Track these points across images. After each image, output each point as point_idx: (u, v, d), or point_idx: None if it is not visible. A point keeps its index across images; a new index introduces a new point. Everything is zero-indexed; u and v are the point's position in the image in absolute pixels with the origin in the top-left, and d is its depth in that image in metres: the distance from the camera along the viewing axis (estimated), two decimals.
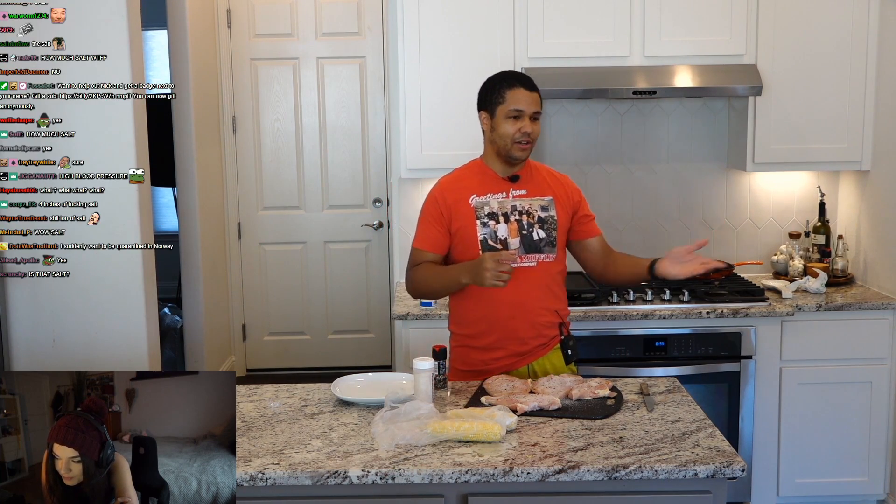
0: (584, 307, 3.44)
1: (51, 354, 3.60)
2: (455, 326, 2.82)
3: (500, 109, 2.64)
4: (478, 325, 2.73)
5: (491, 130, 2.68)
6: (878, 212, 3.75)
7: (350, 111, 5.43)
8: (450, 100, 3.64)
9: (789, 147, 3.72)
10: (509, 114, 2.63)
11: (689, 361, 3.45)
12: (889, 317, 3.55)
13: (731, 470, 2.06)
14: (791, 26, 3.64)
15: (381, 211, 5.49)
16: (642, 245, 4.03)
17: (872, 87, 3.70)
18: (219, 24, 5.30)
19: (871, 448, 3.59)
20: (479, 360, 2.74)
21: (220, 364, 5.31)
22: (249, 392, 2.60)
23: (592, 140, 4.00)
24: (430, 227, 2.73)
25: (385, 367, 5.32)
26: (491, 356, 2.73)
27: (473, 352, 2.76)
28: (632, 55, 3.62)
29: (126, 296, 3.62)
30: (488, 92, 2.69)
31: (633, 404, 2.46)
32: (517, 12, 3.60)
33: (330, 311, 5.58)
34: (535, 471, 2.04)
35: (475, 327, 2.74)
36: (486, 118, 2.69)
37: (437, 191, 2.76)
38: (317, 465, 2.06)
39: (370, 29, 5.35)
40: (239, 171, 5.44)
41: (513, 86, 2.65)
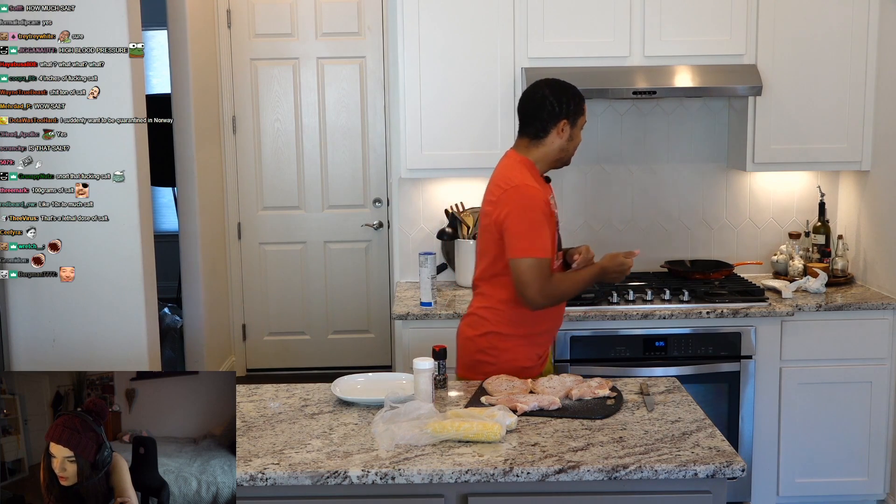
0: (584, 307, 3.44)
1: (51, 354, 3.60)
2: (518, 328, 2.78)
3: (580, 121, 2.78)
4: (545, 322, 2.82)
5: (568, 139, 2.77)
6: (878, 212, 3.75)
7: (350, 111, 5.43)
8: (450, 100, 3.65)
9: (789, 147, 3.72)
10: (582, 125, 2.80)
11: (689, 361, 3.45)
12: (889, 317, 3.55)
13: (731, 470, 2.06)
14: (791, 26, 3.64)
15: (381, 211, 5.50)
16: (643, 245, 4.03)
17: (872, 87, 3.70)
18: (219, 24, 5.30)
19: (871, 448, 3.59)
20: (537, 356, 2.84)
21: (220, 364, 5.31)
22: (249, 392, 2.60)
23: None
24: (545, 232, 2.68)
25: (385, 367, 5.32)
26: (546, 350, 2.89)
27: (538, 348, 2.82)
28: (632, 55, 3.62)
29: (126, 296, 3.62)
30: (573, 103, 2.76)
31: (633, 404, 2.47)
32: (517, 12, 3.60)
33: (330, 311, 5.58)
34: (535, 471, 2.04)
35: (544, 325, 2.82)
36: (566, 126, 2.75)
37: (538, 194, 2.70)
38: (317, 465, 2.06)
39: (370, 29, 5.35)
40: (239, 171, 5.45)
41: (584, 100, 2.81)
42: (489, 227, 2.74)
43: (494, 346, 2.78)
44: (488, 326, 2.79)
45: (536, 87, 2.79)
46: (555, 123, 2.73)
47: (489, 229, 2.75)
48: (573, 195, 4.02)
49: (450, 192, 3.96)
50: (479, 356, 2.80)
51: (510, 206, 2.66)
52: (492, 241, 2.74)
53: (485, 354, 2.79)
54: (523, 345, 2.79)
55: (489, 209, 2.74)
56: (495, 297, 2.78)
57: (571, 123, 2.75)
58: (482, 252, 2.82)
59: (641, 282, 3.76)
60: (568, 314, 3.40)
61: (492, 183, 2.79)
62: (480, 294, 2.85)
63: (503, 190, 2.70)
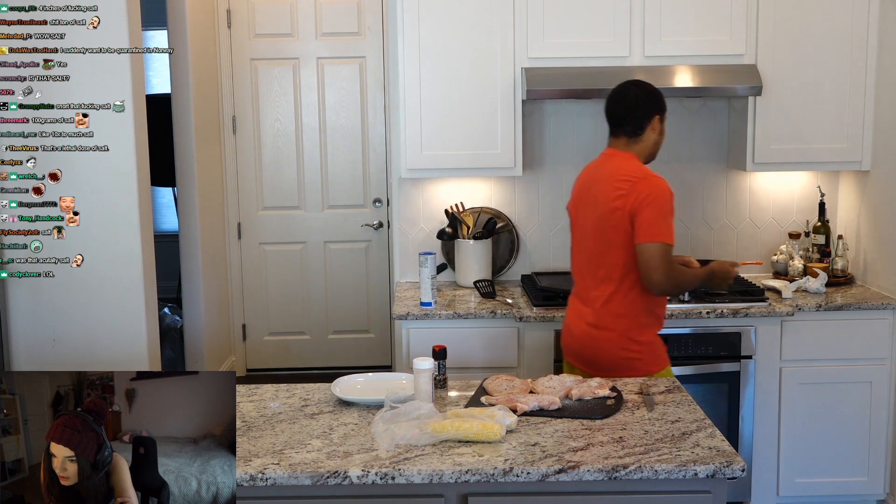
0: None
1: (51, 354, 3.60)
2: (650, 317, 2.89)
3: (665, 116, 2.93)
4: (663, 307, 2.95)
5: (659, 133, 2.92)
6: (878, 212, 3.75)
7: (350, 111, 5.43)
8: (450, 100, 3.65)
9: (789, 147, 3.72)
10: (665, 119, 2.94)
11: (689, 361, 3.45)
12: (889, 317, 3.55)
13: (731, 470, 2.06)
14: (791, 26, 3.64)
15: (381, 211, 5.49)
16: None
17: (872, 87, 3.70)
18: (219, 24, 5.30)
19: (871, 448, 3.59)
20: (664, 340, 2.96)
21: (220, 364, 5.31)
22: (249, 392, 2.60)
23: (592, 140, 3.99)
24: (673, 220, 2.82)
25: (385, 367, 5.32)
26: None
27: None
28: (632, 55, 3.62)
29: (126, 296, 3.62)
30: (660, 99, 2.92)
31: (633, 404, 2.47)
32: (517, 12, 3.60)
33: (330, 311, 5.58)
34: (535, 471, 2.04)
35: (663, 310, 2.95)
36: (658, 122, 2.91)
37: (667, 185, 2.82)
38: (317, 465, 2.06)
39: (370, 29, 5.35)
40: (239, 171, 5.45)
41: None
42: (621, 221, 2.79)
43: (638, 340, 2.85)
44: (631, 322, 2.85)
45: (625, 88, 2.93)
46: (649, 120, 2.89)
47: (621, 223, 2.79)
48: None
49: (450, 192, 3.96)
50: (626, 353, 2.84)
51: (643, 194, 2.76)
52: (625, 235, 2.79)
53: (628, 352, 2.84)
54: (657, 332, 2.91)
55: (620, 203, 2.79)
56: (632, 293, 2.83)
57: (661, 118, 2.91)
58: (608, 249, 2.84)
59: None
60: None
61: (611, 180, 2.84)
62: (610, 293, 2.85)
63: (632, 182, 2.79)
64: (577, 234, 3.00)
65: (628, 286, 2.82)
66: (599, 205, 2.85)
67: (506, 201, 4.01)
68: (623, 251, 2.80)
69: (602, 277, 2.86)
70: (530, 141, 3.94)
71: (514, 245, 4.01)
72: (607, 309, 2.85)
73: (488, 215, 3.95)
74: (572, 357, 3.00)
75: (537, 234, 4.04)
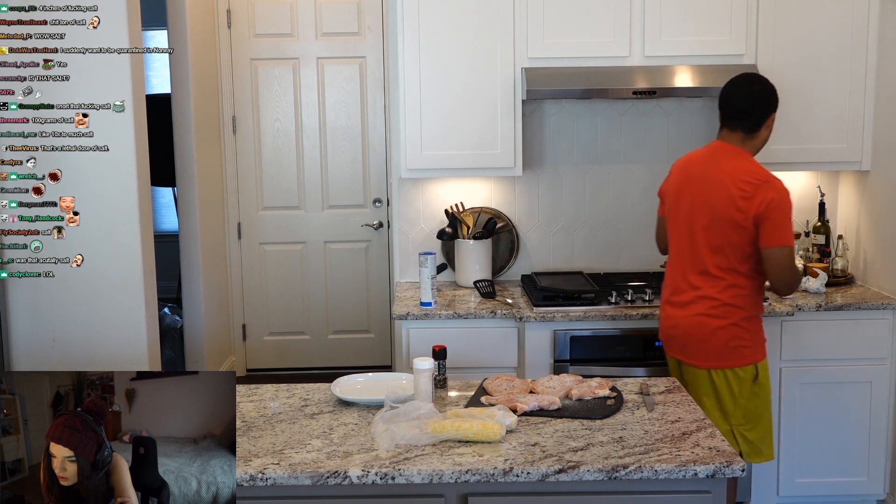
0: (584, 307, 3.44)
1: (51, 354, 3.60)
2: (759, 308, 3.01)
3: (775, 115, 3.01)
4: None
5: (769, 131, 2.99)
6: (878, 212, 3.75)
7: (350, 111, 5.43)
8: (450, 100, 3.64)
9: (789, 147, 3.72)
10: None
11: None
12: (889, 317, 3.54)
13: (731, 470, 2.06)
14: (791, 26, 3.64)
15: (381, 211, 5.49)
16: (642, 245, 4.03)
17: (872, 87, 3.70)
18: (219, 24, 5.30)
19: (871, 448, 3.59)
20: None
21: (220, 364, 5.31)
22: (249, 392, 2.60)
23: (592, 140, 4.00)
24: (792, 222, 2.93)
25: (385, 367, 5.32)
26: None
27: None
28: (632, 55, 3.62)
29: (126, 296, 3.62)
30: (777, 97, 2.98)
31: (633, 404, 2.47)
32: (517, 12, 3.60)
33: (330, 311, 5.58)
34: (535, 471, 2.04)
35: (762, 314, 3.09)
36: (773, 120, 2.99)
37: (786, 188, 2.90)
38: (317, 465, 2.06)
39: (370, 29, 5.35)
40: (239, 171, 5.44)
41: None
42: (744, 223, 2.86)
43: (748, 328, 2.94)
44: (743, 313, 2.93)
45: (748, 82, 2.98)
46: (766, 117, 2.95)
47: (744, 225, 2.86)
48: (573, 195, 4.02)
49: (450, 192, 3.96)
50: (736, 342, 2.93)
51: (768, 198, 2.83)
52: (746, 235, 2.87)
53: (739, 340, 2.93)
54: (761, 323, 3.01)
55: (744, 205, 2.85)
56: (747, 286, 2.93)
57: (774, 116, 2.98)
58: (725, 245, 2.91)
59: (641, 282, 3.76)
60: (568, 314, 3.40)
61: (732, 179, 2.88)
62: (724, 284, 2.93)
63: (755, 185, 2.85)
64: (679, 222, 3.04)
65: (744, 279, 2.92)
66: (718, 203, 2.91)
67: (506, 201, 4.01)
68: (741, 249, 2.90)
69: (715, 269, 2.94)
70: (530, 141, 3.94)
71: (514, 245, 4.01)
72: (723, 300, 2.93)
73: (488, 215, 3.95)
74: (676, 350, 3.06)
75: (537, 234, 4.04)
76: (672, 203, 3.08)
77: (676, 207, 3.05)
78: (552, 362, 3.42)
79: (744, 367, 2.92)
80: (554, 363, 3.42)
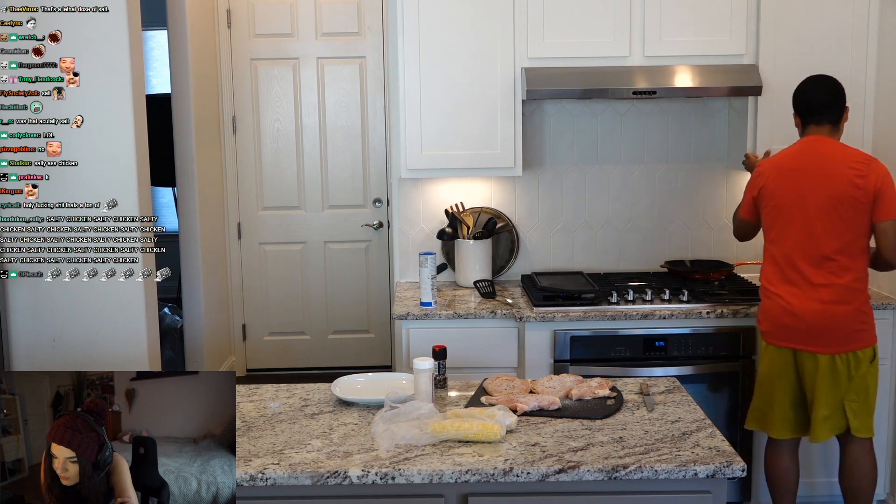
0: (584, 307, 3.44)
1: (51, 354, 3.60)
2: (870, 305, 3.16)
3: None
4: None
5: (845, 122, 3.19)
6: None
7: (350, 111, 5.43)
8: (450, 100, 3.64)
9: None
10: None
11: (689, 361, 3.45)
12: (889, 317, 3.54)
13: (731, 470, 2.06)
14: (791, 26, 3.64)
15: (381, 211, 5.50)
16: (642, 245, 4.03)
17: (872, 87, 3.70)
18: (219, 24, 5.30)
19: None
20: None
21: (220, 364, 5.31)
22: (249, 392, 2.60)
23: (592, 140, 4.00)
24: None
25: (385, 367, 5.32)
26: None
27: None
28: (632, 55, 3.62)
29: (126, 296, 3.62)
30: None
31: (633, 404, 2.47)
32: (517, 12, 3.60)
33: (330, 311, 5.58)
34: (535, 471, 2.04)
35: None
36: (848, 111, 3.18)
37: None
38: (317, 465, 2.06)
39: (370, 29, 5.35)
40: (239, 171, 5.45)
41: None
42: (863, 200, 3.00)
43: (868, 312, 3.10)
44: (864, 296, 3.09)
45: (824, 79, 3.16)
46: (844, 109, 3.14)
47: (863, 202, 3.00)
48: (573, 195, 4.02)
49: (450, 192, 3.96)
50: (860, 326, 3.07)
51: (881, 174, 3.01)
52: (865, 214, 3.01)
53: (863, 323, 3.08)
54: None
55: (862, 183, 3.00)
56: (861, 268, 3.08)
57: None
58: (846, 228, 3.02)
59: (641, 282, 3.77)
60: (568, 314, 3.40)
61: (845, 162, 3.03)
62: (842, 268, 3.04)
63: (866, 164, 3.03)
64: (794, 218, 3.09)
65: (862, 262, 3.07)
66: (836, 186, 3.02)
67: (506, 201, 4.02)
68: (859, 229, 3.02)
69: (836, 254, 3.04)
70: (530, 141, 3.94)
71: (514, 245, 4.01)
72: (845, 284, 3.05)
73: (488, 215, 3.95)
74: (795, 339, 3.09)
75: (537, 234, 4.04)
76: (782, 198, 3.12)
77: (788, 201, 3.10)
78: (552, 362, 3.42)
79: (864, 350, 3.07)
80: (554, 363, 3.42)
